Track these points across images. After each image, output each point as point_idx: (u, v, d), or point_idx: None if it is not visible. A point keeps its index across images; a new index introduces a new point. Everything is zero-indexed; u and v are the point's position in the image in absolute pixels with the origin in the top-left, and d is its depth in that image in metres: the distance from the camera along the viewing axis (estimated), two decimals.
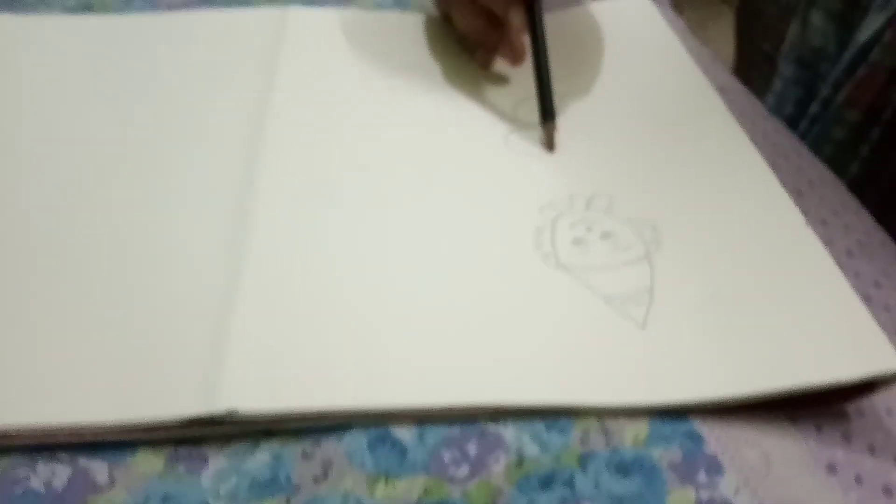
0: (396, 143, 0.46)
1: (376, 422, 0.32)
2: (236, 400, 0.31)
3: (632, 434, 0.32)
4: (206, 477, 0.30)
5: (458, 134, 0.47)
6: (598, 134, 0.47)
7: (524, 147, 0.46)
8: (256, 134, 0.45)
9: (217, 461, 0.30)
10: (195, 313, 0.35)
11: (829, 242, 0.43)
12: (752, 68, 0.81)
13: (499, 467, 0.31)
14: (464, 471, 0.31)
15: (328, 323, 0.35)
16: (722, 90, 0.55)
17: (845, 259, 0.43)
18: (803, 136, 0.69)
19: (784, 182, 0.46)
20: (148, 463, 0.30)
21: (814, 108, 0.67)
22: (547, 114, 0.46)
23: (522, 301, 0.37)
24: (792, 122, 0.71)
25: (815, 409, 0.34)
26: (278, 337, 0.34)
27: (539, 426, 0.32)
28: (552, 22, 0.50)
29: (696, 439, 0.32)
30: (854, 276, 0.42)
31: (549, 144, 0.46)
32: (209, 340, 0.33)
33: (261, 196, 0.41)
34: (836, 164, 0.67)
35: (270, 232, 0.39)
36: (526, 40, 0.50)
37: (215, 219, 0.40)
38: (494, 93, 0.51)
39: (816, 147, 0.67)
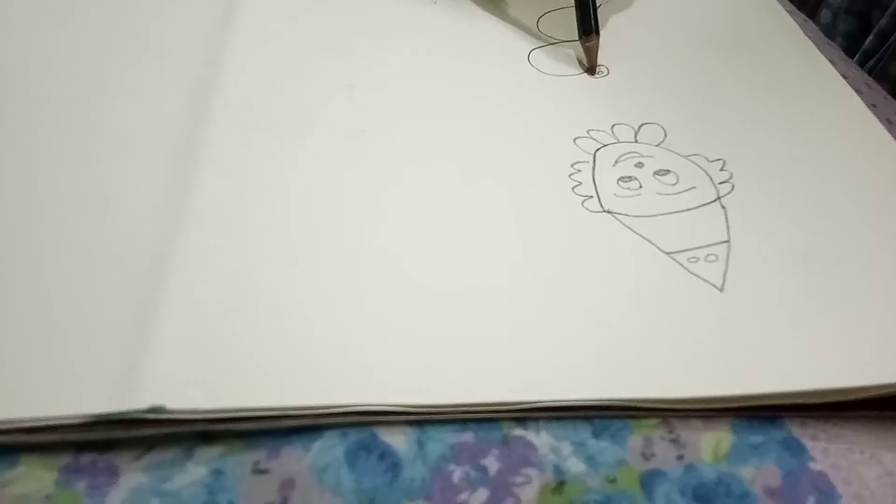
0: (392, 61, 0.35)
1: (357, 422, 0.22)
2: (163, 394, 0.21)
3: (710, 444, 0.22)
4: (115, 500, 0.20)
5: (470, 51, 0.36)
6: (644, 51, 0.36)
7: (551, 67, 0.35)
8: (216, 47, 0.34)
9: (132, 476, 0.20)
10: (113, 285, 0.24)
11: None
12: None
13: (530, 491, 0.21)
14: (481, 496, 0.20)
15: (288, 294, 0.24)
16: None
17: None
18: None
19: None
20: (32, 479, 0.20)
21: (870, 41, 0.55)
22: (588, 27, 0.35)
23: (556, 259, 0.26)
24: None
25: None
26: (221, 316, 0.23)
27: (584, 432, 0.22)
28: None
29: (797, 451, 0.22)
30: None
31: (591, 65, 0.35)
32: (131, 318, 0.23)
33: (214, 126, 0.30)
34: None
35: (224, 169, 0.28)
36: None
37: (155, 160, 0.29)
38: (511, 2, 0.39)
39: None
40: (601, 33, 0.36)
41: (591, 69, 0.35)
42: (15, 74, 0.32)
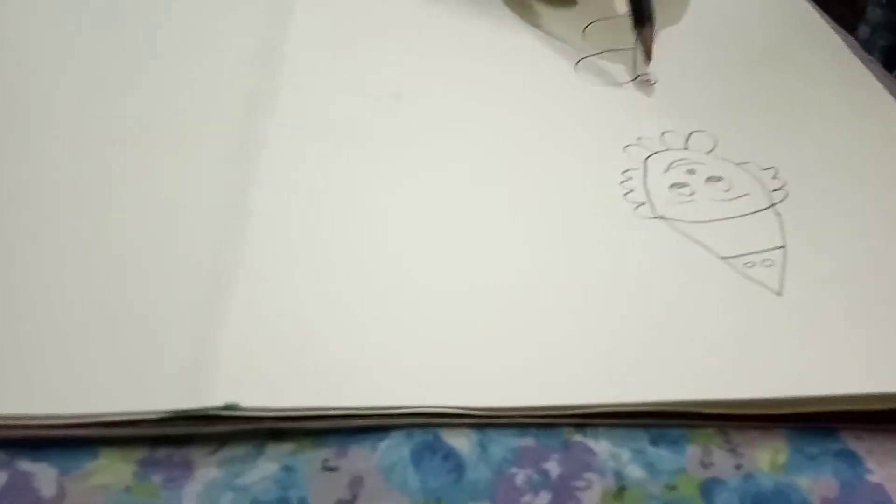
0: (438, 71, 0.35)
1: (422, 423, 0.22)
2: (237, 391, 0.21)
3: (768, 454, 0.22)
4: (190, 494, 0.20)
5: (516, 62, 0.36)
6: (690, 63, 0.36)
7: (598, 76, 0.36)
8: (267, 56, 0.34)
9: (206, 471, 0.21)
10: (187, 285, 0.24)
11: None
12: (828, 12, 0.69)
13: (592, 495, 0.21)
14: (543, 499, 0.21)
15: (357, 296, 0.25)
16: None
17: None
18: None
19: None
20: (112, 471, 0.21)
21: None
22: (642, 17, 0.36)
23: (612, 264, 0.26)
24: None
25: None
26: (291, 316, 0.24)
27: (642, 440, 0.22)
28: None
29: (853, 462, 0.22)
30: None
31: (647, 53, 0.35)
32: (203, 318, 0.23)
33: (269, 136, 0.30)
34: None
35: (282, 179, 0.29)
36: None
37: (218, 163, 0.29)
38: (556, 14, 0.40)
39: None
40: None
41: (647, 56, 0.36)
42: (69, 74, 0.33)
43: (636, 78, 0.35)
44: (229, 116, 0.31)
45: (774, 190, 0.29)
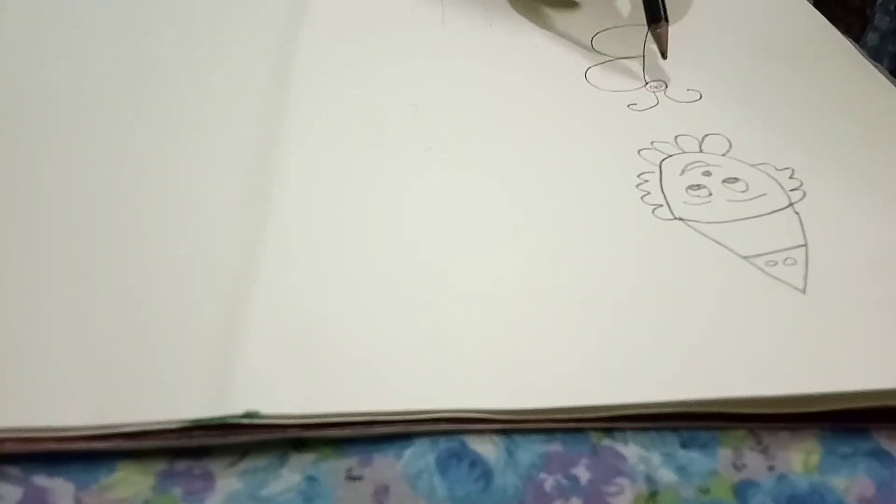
0: (452, 80, 0.35)
1: (447, 430, 0.22)
2: (257, 399, 0.21)
3: (800, 455, 0.22)
4: None
5: (527, 71, 0.36)
6: (702, 68, 0.36)
7: (609, 83, 0.36)
8: (283, 64, 0.35)
9: (227, 483, 0.20)
10: (205, 291, 0.24)
11: None
12: (835, 21, 0.69)
13: (623, 500, 0.21)
14: None
15: (378, 301, 0.24)
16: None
17: None
18: None
19: None
20: (130, 484, 0.20)
21: None
22: (657, 14, 0.36)
23: (633, 266, 0.26)
24: None
25: None
26: (311, 322, 0.23)
27: (672, 443, 0.22)
28: None
29: (888, 462, 0.22)
30: None
31: (662, 51, 0.36)
32: (223, 326, 0.23)
33: (287, 140, 0.30)
34: None
35: (301, 184, 0.28)
36: None
37: (235, 169, 0.29)
38: (564, 24, 0.40)
39: None
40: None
41: (662, 54, 0.36)
42: (93, 81, 0.33)
43: (647, 84, 0.35)
44: (247, 119, 0.31)
45: (792, 189, 0.29)
